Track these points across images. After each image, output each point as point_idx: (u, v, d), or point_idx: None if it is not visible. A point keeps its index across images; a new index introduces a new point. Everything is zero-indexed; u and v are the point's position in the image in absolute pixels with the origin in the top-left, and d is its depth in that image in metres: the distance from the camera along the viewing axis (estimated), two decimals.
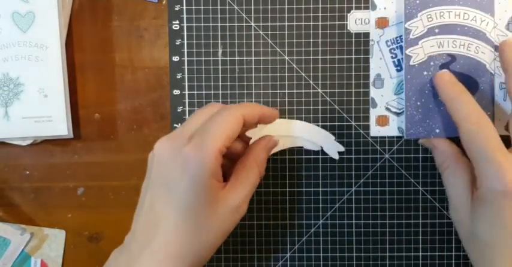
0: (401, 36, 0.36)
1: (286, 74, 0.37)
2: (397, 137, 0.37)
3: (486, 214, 0.30)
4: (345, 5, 0.37)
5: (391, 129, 0.37)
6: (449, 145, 0.35)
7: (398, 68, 0.37)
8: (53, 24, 0.35)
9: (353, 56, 0.37)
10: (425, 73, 0.35)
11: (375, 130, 0.37)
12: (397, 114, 0.37)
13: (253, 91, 0.37)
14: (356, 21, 0.37)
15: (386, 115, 0.37)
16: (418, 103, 0.36)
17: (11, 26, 0.35)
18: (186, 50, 0.37)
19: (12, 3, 0.35)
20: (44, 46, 0.35)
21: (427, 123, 0.36)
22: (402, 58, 0.36)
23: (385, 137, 0.37)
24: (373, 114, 0.37)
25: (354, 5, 0.37)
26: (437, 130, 0.36)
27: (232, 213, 0.30)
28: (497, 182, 0.29)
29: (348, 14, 0.37)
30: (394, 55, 0.37)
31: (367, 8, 0.37)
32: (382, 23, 0.37)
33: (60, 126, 0.36)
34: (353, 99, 0.37)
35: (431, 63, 0.35)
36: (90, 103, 0.38)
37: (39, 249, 0.38)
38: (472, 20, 0.35)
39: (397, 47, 0.37)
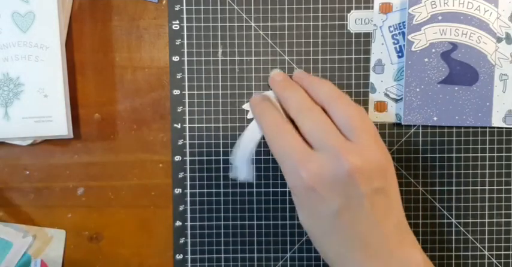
0: (404, 22, 0.36)
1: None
2: (396, 138, 0.37)
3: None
4: (345, 5, 0.37)
5: (389, 115, 0.37)
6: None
7: (400, 54, 0.37)
8: (53, 24, 0.35)
9: (353, 56, 0.37)
10: (426, 59, 0.35)
11: (373, 116, 0.37)
12: (396, 100, 0.37)
13: (253, 91, 0.37)
14: (356, 21, 0.37)
15: (384, 101, 0.37)
16: (418, 89, 0.36)
17: (11, 26, 0.35)
18: (186, 50, 0.37)
19: (12, 3, 0.35)
20: (44, 46, 0.35)
21: (425, 109, 0.36)
22: (404, 45, 0.36)
23: (385, 136, 0.37)
24: (372, 99, 0.37)
25: (354, 5, 0.37)
26: (435, 118, 0.36)
27: None
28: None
29: (348, 14, 0.37)
30: (396, 42, 0.37)
31: (367, 8, 0.37)
32: (385, 8, 0.37)
33: (60, 126, 0.36)
34: (353, 99, 0.37)
35: (433, 50, 0.35)
36: (90, 103, 0.38)
37: (39, 249, 0.38)
38: (476, 10, 0.35)
39: (399, 33, 0.37)
